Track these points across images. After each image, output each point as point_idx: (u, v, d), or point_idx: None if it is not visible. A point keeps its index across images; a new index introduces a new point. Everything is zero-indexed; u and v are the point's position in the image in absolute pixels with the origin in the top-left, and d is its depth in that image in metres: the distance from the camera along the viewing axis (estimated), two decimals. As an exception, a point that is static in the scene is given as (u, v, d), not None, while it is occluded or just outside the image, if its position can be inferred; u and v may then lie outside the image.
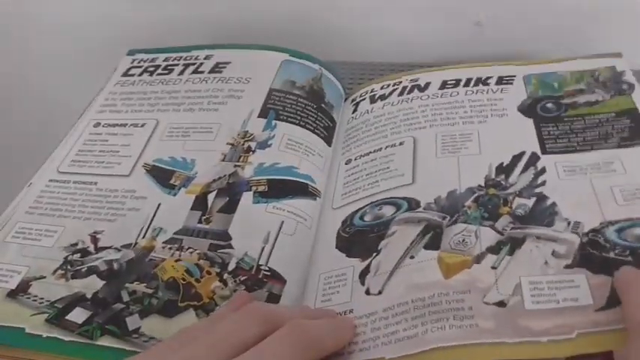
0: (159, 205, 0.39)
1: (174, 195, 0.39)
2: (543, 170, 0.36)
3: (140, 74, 0.50)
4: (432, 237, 0.33)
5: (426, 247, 0.33)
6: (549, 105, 0.41)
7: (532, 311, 0.28)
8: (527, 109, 0.41)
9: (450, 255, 0.32)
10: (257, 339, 0.25)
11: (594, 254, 0.30)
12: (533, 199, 0.34)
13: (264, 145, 0.42)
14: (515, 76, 0.44)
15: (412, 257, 0.33)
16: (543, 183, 0.35)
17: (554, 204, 0.33)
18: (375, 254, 0.34)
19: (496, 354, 0.27)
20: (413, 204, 0.36)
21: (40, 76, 0.69)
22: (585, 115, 0.39)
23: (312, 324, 0.28)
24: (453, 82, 0.46)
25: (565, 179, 0.35)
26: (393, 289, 0.31)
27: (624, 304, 0.27)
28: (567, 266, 0.30)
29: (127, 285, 0.34)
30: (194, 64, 0.50)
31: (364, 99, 0.48)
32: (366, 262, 0.34)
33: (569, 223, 0.32)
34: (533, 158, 0.37)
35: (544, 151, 0.37)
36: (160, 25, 0.61)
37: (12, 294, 0.34)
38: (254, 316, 0.27)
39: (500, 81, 0.44)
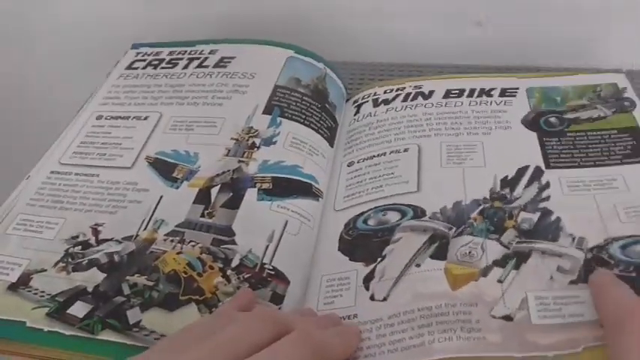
0: (161, 197, 0.37)
1: (177, 188, 0.38)
2: (547, 185, 0.35)
3: (144, 67, 0.49)
4: (438, 247, 0.33)
5: (432, 257, 0.32)
6: (552, 119, 0.40)
7: (539, 326, 0.27)
8: (531, 122, 0.40)
9: (457, 267, 0.31)
10: (266, 343, 0.25)
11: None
12: (538, 214, 0.33)
13: (268, 142, 0.40)
14: (518, 89, 0.43)
15: (418, 265, 0.32)
16: (547, 198, 0.34)
17: (558, 219, 0.33)
18: (379, 259, 0.33)
19: None
20: (418, 212, 0.35)
21: (41, 76, 0.67)
22: (588, 131, 0.39)
23: (322, 331, 0.27)
24: (457, 91, 0.44)
25: (569, 195, 0.34)
26: (399, 296, 0.31)
27: (599, 304, 0.27)
28: (572, 282, 0.29)
29: (127, 277, 0.33)
30: (198, 58, 0.49)
31: (367, 102, 0.46)
32: (371, 267, 0.33)
33: (573, 239, 0.31)
34: (538, 172, 0.36)
35: (548, 166, 0.36)
36: (163, 25, 0.59)
37: (13, 287, 0.33)
38: (265, 320, 0.26)
39: (504, 93, 0.43)
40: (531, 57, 0.52)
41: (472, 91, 0.44)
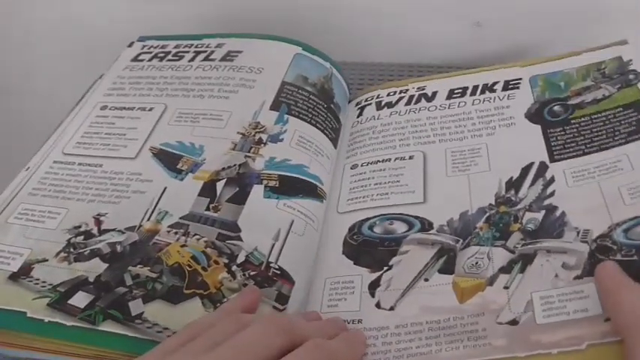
0: (165, 188, 0.35)
1: (181, 180, 0.36)
2: (552, 180, 0.34)
3: (150, 59, 0.47)
4: (446, 261, 0.32)
5: (440, 271, 0.31)
6: (556, 108, 0.38)
7: (543, 325, 0.27)
8: (535, 114, 0.38)
9: (464, 279, 0.30)
10: (280, 350, 0.24)
11: (603, 260, 0.28)
12: (543, 212, 0.32)
13: (275, 138, 0.39)
14: (521, 79, 0.41)
15: (426, 280, 0.31)
16: (552, 193, 0.33)
17: (563, 214, 0.32)
18: (386, 268, 0.32)
19: None
20: (426, 225, 0.34)
21: (42, 75, 0.64)
22: (592, 115, 0.36)
23: (330, 342, 0.26)
24: (460, 90, 0.43)
25: (573, 186, 0.33)
26: (406, 308, 0.30)
27: (612, 304, 0.25)
28: (577, 277, 0.28)
29: (130, 268, 0.31)
30: (205, 51, 0.46)
31: (370, 104, 0.45)
32: (376, 275, 0.32)
33: (578, 232, 0.30)
34: (542, 168, 0.35)
35: (552, 160, 0.35)
36: (164, 24, 0.56)
37: (14, 277, 0.31)
38: (280, 327, 0.25)
39: (507, 86, 0.41)
40: (532, 55, 0.51)
41: (475, 88, 0.42)
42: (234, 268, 0.31)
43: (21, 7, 0.61)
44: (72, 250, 0.32)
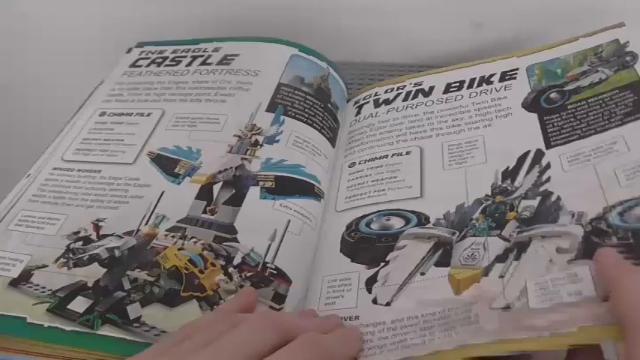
0: (162, 192, 0.36)
1: (179, 184, 0.37)
2: (548, 166, 0.33)
3: (148, 65, 0.47)
4: (442, 253, 0.32)
5: (436, 264, 0.31)
6: (553, 95, 0.38)
7: (536, 309, 0.26)
8: (531, 103, 0.38)
9: (460, 271, 0.30)
10: (272, 348, 0.24)
11: (597, 243, 0.28)
12: (539, 199, 0.32)
13: (272, 140, 0.39)
14: (518, 69, 0.41)
15: (423, 274, 0.31)
16: (548, 179, 0.33)
17: (558, 198, 0.31)
18: (382, 264, 0.32)
19: (499, 349, 0.25)
20: (422, 219, 0.34)
21: (42, 76, 0.65)
22: (589, 99, 0.36)
23: (325, 337, 0.26)
24: (457, 84, 0.43)
25: (569, 171, 0.32)
26: (403, 302, 0.30)
27: (619, 291, 0.24)
28: (570, 260, 0.28)
29: (128, 272, 0.32)
30: (202, 55, 0.47)
31: (368, 102, 0.45)
32: (373, 271, 0.32)
33: (573, 216, 0.30)
34: (538, 155, 0.34)
35: (548, 146, 0.35)
36: (163, 26, 0.57)
37: (14, 283, 0.32)
38: (271, 325, 0.25)
39: (504, 77, 0.41)
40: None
41: (472, 81, 0.42)
42: (230, 269, 0.32)
43: (19, 10, 0.62)
44: (71, 255, 0.33)
